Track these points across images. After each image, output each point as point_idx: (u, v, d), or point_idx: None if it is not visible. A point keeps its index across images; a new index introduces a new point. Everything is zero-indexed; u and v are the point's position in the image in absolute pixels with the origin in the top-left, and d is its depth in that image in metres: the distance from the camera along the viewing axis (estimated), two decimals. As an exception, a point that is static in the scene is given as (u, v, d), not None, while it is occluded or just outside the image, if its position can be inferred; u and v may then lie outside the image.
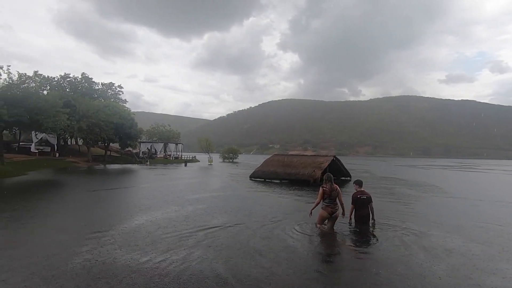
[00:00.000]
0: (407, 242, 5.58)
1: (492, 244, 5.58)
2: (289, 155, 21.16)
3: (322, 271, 4.34)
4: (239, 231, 6.15)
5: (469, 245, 5.47)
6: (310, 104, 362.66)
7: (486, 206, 10.14)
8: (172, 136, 55.29)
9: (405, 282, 3.86)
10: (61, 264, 4.19)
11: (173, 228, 6.25)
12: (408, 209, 9.33)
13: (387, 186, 16.17)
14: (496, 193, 14.63)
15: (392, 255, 4.94)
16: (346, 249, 5.45)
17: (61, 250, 4.82)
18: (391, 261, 4.64)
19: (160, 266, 4.18)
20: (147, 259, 4.42)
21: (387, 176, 24.44)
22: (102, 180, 18.07)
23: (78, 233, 5.82)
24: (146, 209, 8.36)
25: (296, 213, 8.26)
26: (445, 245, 5.44)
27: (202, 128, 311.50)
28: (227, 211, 8.26)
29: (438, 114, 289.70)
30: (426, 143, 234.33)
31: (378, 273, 4.18)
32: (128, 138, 37.16)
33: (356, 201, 6.58)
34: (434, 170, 36.99)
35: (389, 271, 4.23)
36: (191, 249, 4.94)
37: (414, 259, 4.71)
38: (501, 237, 6.17)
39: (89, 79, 43.43)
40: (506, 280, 3.96)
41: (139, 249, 4.90)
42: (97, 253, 4.65)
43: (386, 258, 4.81)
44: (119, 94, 47.65)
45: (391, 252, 5.08)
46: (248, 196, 11.59)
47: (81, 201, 10.04)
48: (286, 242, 5.53)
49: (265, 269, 4.17)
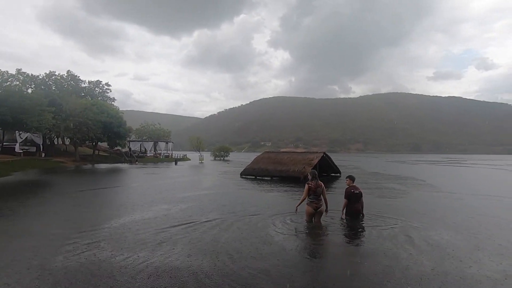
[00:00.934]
0: (394, 235, 5.61)
1: (473, 236, 5.65)
2: (279, 152, 21.16)
3: (308, 264, 4.33)
4: (223, 227, 6.09)
5: (453, 237, 5.52)
6: (301, 101, 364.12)
7: (470, 200, 10.33)
8: (163, 134, 54.74)
9: (389, 274, 3.86)
10: (41, 266, 4.03)
11: (154, 227, 6.12)
12: (395, 203, 9.43)
13: (376, 182, 16.34)
14: (479, 187, 14.97)
15: (379, 247, 4.96)
16: (334, 242, 5.44)
17: (41, 252, 4.64)
18: (377, 253, 4.67)
19: (130, 263, 4.07)
20: (124, 257, 4.30)
21: (377, 171, 24.73)
22: (90, 180, 17.70)
23: (59, 235, 5.62)
24: (132, 209, 8.18)
25: (283, 208, 8.22)
26: (430, 237, 5.48)
27: (194, 126, 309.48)
28: (213, 209, 8.16)
29: (427, 111, 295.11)
30: (416, 139, 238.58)
31: (363, 264, 4.20)
32: (116, 137, 36.59)
33: (349, 195, 6.68)
34: (423, 165, 37.66)
35: (374, 263, 4.25)
36: (171, 245, 4.84)
37: (399, 251, 4.72)
38: (483, 228, 6.27)
39: (75, 77, 42.48)
40: (484, 270, 4.00)
41: (119, 248, 4.77)
42: (76, 255, 4.50)
43: (373, 250, 4.84)
44: (107, 92, 46.82)
45: (378, 244, 5.11)
46: (237, 194, 11.51)
47: (67, 202, 9.78)
48: (272, 237, 5.50)
49: (249, 264, 4.11)
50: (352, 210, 6.67)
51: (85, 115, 31.32)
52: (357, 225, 6.42)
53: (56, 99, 30.51)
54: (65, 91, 37.99)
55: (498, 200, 10.19)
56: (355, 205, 6.67)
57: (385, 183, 15.76)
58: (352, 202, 6.66)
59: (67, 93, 36.31)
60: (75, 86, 42.26)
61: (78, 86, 43.02)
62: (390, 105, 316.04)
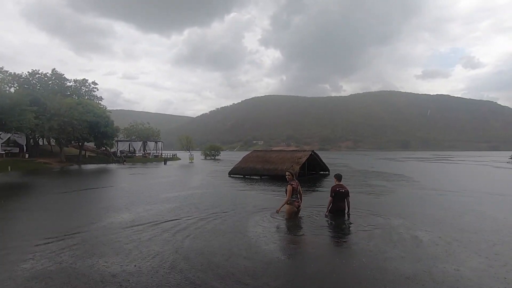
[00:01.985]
0: (378, 234, 5.57)
1: (460, 233, 5.65)
2: (267, 151, 21.07)
3: (287, 261, 4.24)
4: (207, 224, 5.92)
5: (438, 235, 5.50)
6: (292, 100, 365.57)
7: (456, 197, 10.43)
8: (152, 134, 53.97)
9: (367, 272, 3.78)
10: (8, 273, 3.79)
11: (135, 229, 5.91)
12: (381, 201, 9.43)
13: (364, 179, 16.42)
14: (466, 183, 15.21)
15: (361, 245, 4.92)
16: (316, 240, 5.34)
17: (12, 257, 4.39)
18: (359, 251, 4.62)
19: (96, 270, 3.87)
20: (91, 263, 4.09)
21: (366, 169, 24.92)
22: (75, 181, 17.20)
23: (33, 238, 5.36)
24: (117, 210, 7.93)
25: (267, 206, 8.11)
26: (415, 235, 5.45)
27: (185, 126, 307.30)
28: (198, 208, 7.97)
29: (416, 109, 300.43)
30: (405, 136, 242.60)
31: (345, 263, 4.12)
32: (104, 137, 35.82)
33: (335, 194, 6.72)
34: (412, 162, 38.21)
35: (356, 262, 4.18)
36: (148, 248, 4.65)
37: (381, 249, 4.65)
38: (469, 225, 6.29)
39: (60, 75, 41.30)
40: (468, 267, 3.97)
41: (91, 253, 4.55)
42: (42, 259, 4.26)
43: (355, 248, 4.79)
44: (93, 91, 45.73)
45: (360, 243, 5.07)
46: (224, 193, 11.33)
47: (47, 204, 9.41)
48: (252, 235, 5.43)
49: (228, 262, 3.96)
50: (336, 208, 6.71)
51: (71, 114, 30.50)
52: (341, 223, 6.39)
53: (40, 99, 29.60)
54: (49, 90, 36.94)
55: (484, 197, 10.33)
56: (339, 204, 6.72)
57: (373, 180, 15.84)
58: (337, 200, 6.69)
59: (52, 92, 35.32)
60: (60, 85, 41.10)
61: (64, 85, 41.86)
62: (380, 104, 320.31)
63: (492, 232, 5.76)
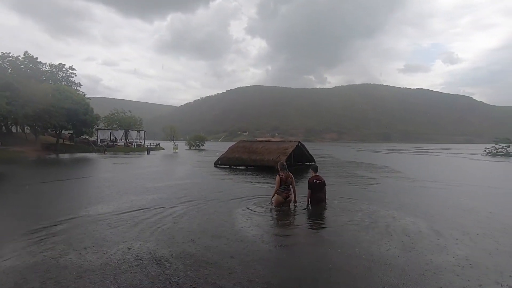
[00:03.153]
0: (360, 222, 5.63)
1: (438, 222, 5.80)
2: (254, 141, 20.94)
3: (271, 251, 4.19)
4: (188, 214, 5.77)
5: (419, 224, 5.62)
6: (278, 91, 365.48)
7: (434, 187, 10.78)
8: (134, 123, 52.45)
9: (352, 262, 3.79)
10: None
11: (115, 220, 5.67)
12: (364, 190, 9.58)
13: (347, 170, 16.69)
14: (443, 175, 15.77)
15: (343, 235, 4.95)
16: (299, 230, 5.34)
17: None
18: (341, 241, 4.62)
19: (74, 263, 3.66)
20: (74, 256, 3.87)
21: (350, 160, 25.39)
22: (54, 171, 16.43)
23: (6, 233, 5.02)
24: (97, 201, 7.59)
25: (252, 195, 8.09)
26: (397, 224, 5.54)
27: (169, 115, 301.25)
28: (182, 198, 7.77)
29: (397, 102, 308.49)
30: (386, 129, 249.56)
31: (328, 253, 4.09)
32: (83, 125, 34.40)
33: (312, 185, 6.88)
34: (393, 154, 39.33)
35: (338, 252, 4.17)
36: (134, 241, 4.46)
37: (365, 238, 4.70)
38: (447, 215, 6.48)
39: (34, 59, 38.94)
40: (450, 255, 4.05)
41: (71, 247, 4.30)
42: (21, 253, 3.98)
43: (337, 238, 4.79)
44: (71, 76, 43.57)
45: (343, 232, 5.11)
46: (210, 183, 11.15)
47: (25, 195, 8.89)
48: (236, 224, 5.42)
49: (211, 248, 3.85)
50: (316, 199, 6.90)
51: (46, 101, 28.96)
52: (324, 213, 6.46)
53: (12, 83, 27.79)
54: (22, 75, 34.83)
55: (461, 188, 10.74)
56: (318, 194, 6.92)
57: (357, 171, 16.12)
58: (315, 192, 6.87)
59: (25, 77, 33.33)
60: (34, 69, 38.83)
61: (38, 69, 39.59)
62: (363, 96, 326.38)
63: (473, 220, 5.96)
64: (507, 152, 34.64)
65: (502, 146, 35.58)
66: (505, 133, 47.14)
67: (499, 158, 30.13)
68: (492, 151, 35.73)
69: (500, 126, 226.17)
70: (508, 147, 35.31)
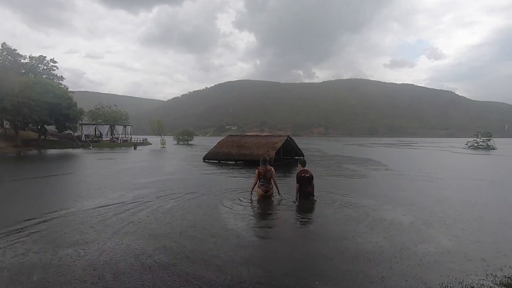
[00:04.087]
0: (348, 215, 5.70)
1: (423, 214, 5.94)
2: (243, 136, 20.84)
3: (258, 245, 4.18)
4: (175, 209, 5.69)
5: (405, 216, 5.74)
6: (266, 85, 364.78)
7: (420, 180, 11.05)
8: (120, 117, 51.21)
9: (340, 255, 3.82)
10: None
11: (99, 217, 5.51)
12: (350, 184, 9.71)
13: (335, 163, 16.88)
14: (427, 168, 16.20)
15: (331, 228, 5.00)
16: (286, 224, 5.37)
17: None
18: (329, 235, 4.66)
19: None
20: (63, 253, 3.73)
21: (337, 154, 25.70)
22: (36, 167, 15.85)
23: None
24: (87, 196, 7.36)
25: (239, 189, 8.08)
26: (383, 216, 5.64)
27: (156, 109, 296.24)
28: (170, 193, 7.64)
29: (383, 97, 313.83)
30: (373, 123, 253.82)
31: (316, 245, 4.12)
32: (66, 119, 33.29)
33: (300, 179, 6.89)
34: (379, 148, 40.11)
35: (327, 245, 4.19)
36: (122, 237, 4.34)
37: (353, 231, 4.75)
38: (429, 208, 6.64)
39: (12, 50, 37.17)
40: (435, 246, 4.15)
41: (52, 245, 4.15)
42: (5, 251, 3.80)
43: (325, 232, 4.83)
44: (53, 69, 41.87)
45: (330, 225, 5.16)
46: (199, 178, 11.02)
47: (4, 193, 8.53)
48: (223, 217, 5.43)
49: (198, 245, 3.80)
50: (304, 193, 6.90)
51: (26, 94, 27.82)
52: (312, 207, 6.50)
53: (-12, 76, 26.54)
54: (0, 67, 33.28)
55: (445, 181, 11.06)
56: (307, 188, 6.90)
57: (344, 164, 16.33)
58: (303, 186, 6.88)
59: (3, 69, 31.85)
60: (12, 61, 37.11)
61: (17, 61, 37.85)
62: (351, 91, 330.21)
63: (458, 212, 6.14)
64: (488, 145, 35.95)
65: (483, 140, 36.89)
66: (485, 127, 48.89)
67: (480, 151, 31.24)
68: (474, 144, 36.99)
69: (481, 120, 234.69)
70: (488, 140, 36.65)
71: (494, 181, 10.79)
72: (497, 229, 5.05)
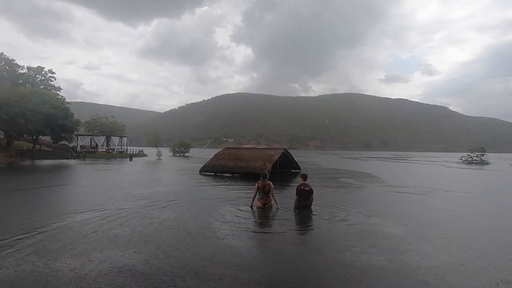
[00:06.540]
0: (343, 227, 5.78)
1: (417, 226, 5.98)
2: (240, 148, 20.89)
3: (253, 255, 4.16)
4: (170, 220, 5.65)
5: (399, 228, 5.78)
6: (263, 98, 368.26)
7: (416, 194, 11.13)
8: (116, 128, 51.12)
9: (334, 267, 3.86)
10: None
11: (91, 231, 5.45)
12: (346, 197, 9.74)
13: (331, 177, 16.93)
14: (423, 182, 16.32)
15: (326, 240, 5.06)
16: (283, 235, 5.38)
17: None
18: (324, 246, 4.70)
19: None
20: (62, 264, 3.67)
21: (334, 167, 25.79)
22: (29, 178, 15.63)
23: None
24: (82, 208, 7.29)
25: (237, 201, 8.11)
26: (380, 230, 5.66)
27: (152, 121, 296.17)
28: (166, 205, 7.60)
29: (378, 111, 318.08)
30: (368, 137, 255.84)
31: (311, 257, 4.12)
32: (62, 130, 33.16)
33: (300, 192, 7.18)
34: (374, 162, 40.34)
35: (321, 256, 4.24)
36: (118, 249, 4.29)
37: (348, 242, 4.79)
38: (423, 221, 6.69)
39: (10, 61, 37.32)
40: (426, 259, 4.18)
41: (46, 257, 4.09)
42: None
43: (320, 243, 4.88)
44: (50, 80, 42.03)
45: (326, 237, 5.24)
46: (194, 190, 10.96)
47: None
48: (219, 228, 5.50)
49: (195, 254, 3.77)
50: (302, 204, 7.19)
51: (23, 104, 27.75)
52: (308, 218, 6.63)
53: (-15, 86, 26.52)
54: (-3, 77, 33.33)
55: (441, 194, 11.14)
56: (305, 201, 7.20)
57: (340, 178, 16.38)
58: (302, 198, 7.17)
59: (0, 79, 31.88)
60: (10, 71, 37.18)
61: (15, 71, 37.93)
62: (346, 105, 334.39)
63: (454, 226, 6.18)
64: (482, 160, 36.39)
65: (477, 155, 37.37)
66: (477, 141, 49.75)
67: (474, 166, 31.58)
68: (468, 159, 37.42)
69: (473, 135, 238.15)
70: (482, 155, 37.13)
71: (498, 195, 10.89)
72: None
